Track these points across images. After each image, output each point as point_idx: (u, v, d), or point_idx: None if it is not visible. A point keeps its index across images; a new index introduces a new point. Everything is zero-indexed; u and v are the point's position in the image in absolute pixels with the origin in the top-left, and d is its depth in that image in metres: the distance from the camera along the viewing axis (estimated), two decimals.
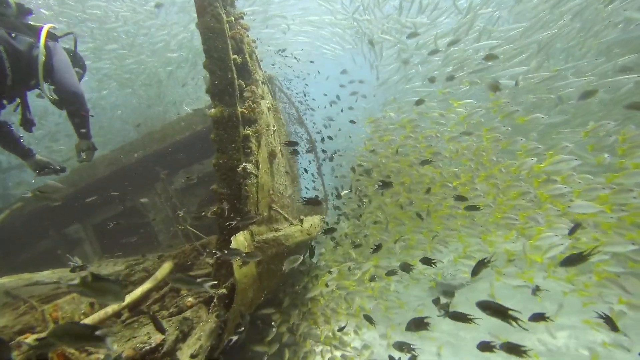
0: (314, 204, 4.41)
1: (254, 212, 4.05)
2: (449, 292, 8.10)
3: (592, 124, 5.56)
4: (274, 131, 6.50)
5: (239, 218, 3.77)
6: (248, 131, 4.21)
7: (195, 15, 4.05)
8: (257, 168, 4.31)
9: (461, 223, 6.75)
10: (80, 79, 5.82)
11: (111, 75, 16.63)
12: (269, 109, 6.28)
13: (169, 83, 16.84)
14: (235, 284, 2.93)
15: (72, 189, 8.50)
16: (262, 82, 6.08)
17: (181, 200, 8.80)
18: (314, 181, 10.12)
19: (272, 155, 5.25)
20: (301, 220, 5.20)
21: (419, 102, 7.64)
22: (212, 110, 3.98)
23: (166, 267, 4.38)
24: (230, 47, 4.10)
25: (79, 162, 5.65)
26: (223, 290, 3.11)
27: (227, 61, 4.02)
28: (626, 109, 5.38)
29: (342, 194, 8.51)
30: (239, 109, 4.10)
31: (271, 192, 4.95)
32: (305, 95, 11.87)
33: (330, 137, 10.52)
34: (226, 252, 2.91)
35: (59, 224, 9.20)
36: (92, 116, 5.23)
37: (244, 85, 4.21)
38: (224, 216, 3.89)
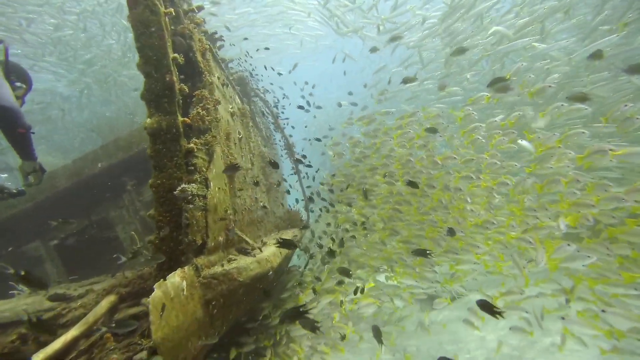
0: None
1: (201, 241, 3.40)
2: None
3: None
4: (240, 139, 5.85)
5: (179, 250, 3.13)
6: (193, 144, 3.55)
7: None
8: (207, 187, 3.66)
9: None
10: (24, 94, 5.12)
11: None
12: (233, 114, 5.63)
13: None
14: (156, 348, 2.28)
15: (30, 203, 7.77)
16: (224, 85, 5.43)
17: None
18: (289, 190, 9.47)
19: (231, 170, 4.60)
20: (277, 242, 4.58)
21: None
22: (147, 121, 3.32)
23: (104, 305, 3.71)
24: (169, 44, 3.44)
25: (26, 187, 4.99)
26: (142, 356, 2.45)
27: (164, 61, 3.36)
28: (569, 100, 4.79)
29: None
30: (181, 118, 3.44)
31: (229, 211, 4.30)
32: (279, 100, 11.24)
33: (304, 156, 9.99)
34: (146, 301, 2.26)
35: (15, 241, 8.44)
36: (34, 133, 4.55)
37: (186, 90, 3.54)
38: (163, 248, 3.24)
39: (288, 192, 9.58)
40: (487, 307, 3.34)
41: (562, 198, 4.60)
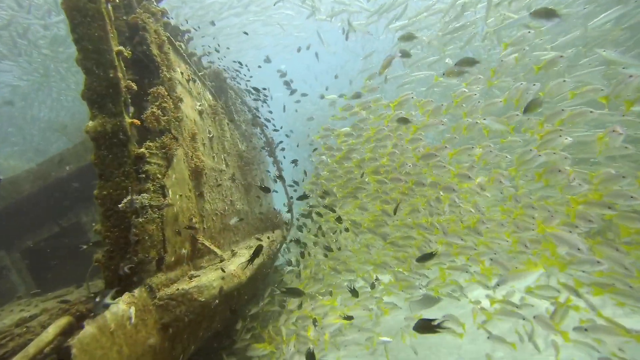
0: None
1: (157, 257, 3.02)
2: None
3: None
4: (210, 139, 5.45)
5: (127, 269, 2.75)
6: (145, 149, 3.16)
7: None
8: (164, 195, 3.28)
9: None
10: None
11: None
12: (201, 112, 5.22)
13: None
14: None
15: None
16: (191, 81, 5.01)
17: None
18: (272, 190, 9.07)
19: (196, 172, 4.21)
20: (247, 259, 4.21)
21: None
22: (89, 124, 2.90)
23: (51, 332, 3.31)
24: (112, 35, 3.02)
25: None
26: None
27: (106, 55, 2.94)
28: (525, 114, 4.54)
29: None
30: (129, 120, 3.03)
31: (195, 219, 3.92)
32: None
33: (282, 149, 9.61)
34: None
35: None
36: None
37: (134, 87, 3.13)
38: (111, 267, 2.86)
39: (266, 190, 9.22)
40: (426, 327, 3.19)
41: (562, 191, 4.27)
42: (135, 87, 3.10)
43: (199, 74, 6.30)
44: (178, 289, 2.94)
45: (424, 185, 5.53)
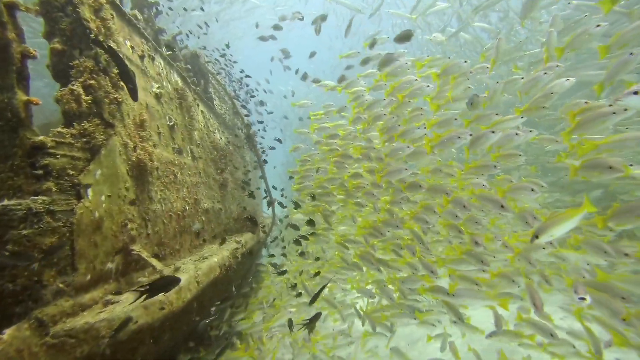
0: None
1: (53, 279, 2.31)
2: None
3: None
4: (171, 127, 4.71)
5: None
6: (52, 137, 2.43)
7: None
8: (78, 197, 2.55)
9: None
10: None
11: None
12: (159, 96, 4.47)
13: None
14: None
15: None
16: (146, 57, 4.25)
17: None
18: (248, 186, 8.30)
19: (140, 167, 3.48)
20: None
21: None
22: None
23: None
24: None
25: None
26: None
27: None
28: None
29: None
30: (24, 97, 2.30)
31: (132, 225, 3.20)
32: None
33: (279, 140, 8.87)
34: None
35: None
36: None
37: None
38: None
39: (245, 187, 8.42)
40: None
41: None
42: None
43: (167, 53, 5.53)
44: (81, 323, 2.23)
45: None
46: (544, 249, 3.49)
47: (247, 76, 10.29)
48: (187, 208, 4.75)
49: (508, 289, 3.88)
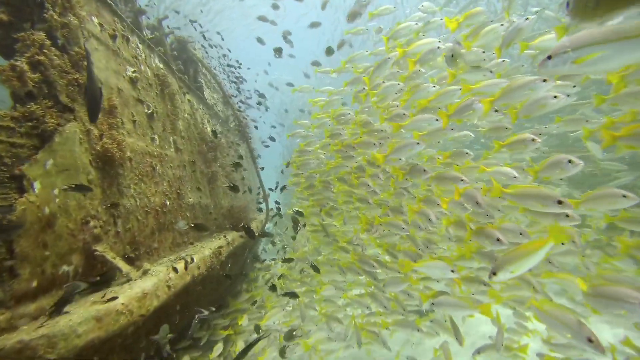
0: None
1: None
2: None
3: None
4: (150, 114, 4.32)
5: None
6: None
7: None
8: (21, 191, 2.19)
9: None
10: None
11: None
12: (135, 80, 4.08)
13: None
14: None
15: None
16: (118, 37, 3.86)
17: None
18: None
19: (107, 157, 3.11)
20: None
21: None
22: None
23: None
24: None
25: None
26: None
27: None
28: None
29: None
30: None
31: (96, 222, 2.84)
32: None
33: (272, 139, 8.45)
34: None
35: None
36: None
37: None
38: None
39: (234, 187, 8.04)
40: None
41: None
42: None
43: (149, 37, 5.14)
44: (13, 341, 1.87)
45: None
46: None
47: (245, 68, 9.90)
48: (168, 203, 4.39)
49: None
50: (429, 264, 3.25)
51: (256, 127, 9.67)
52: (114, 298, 2.34)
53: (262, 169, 8.50)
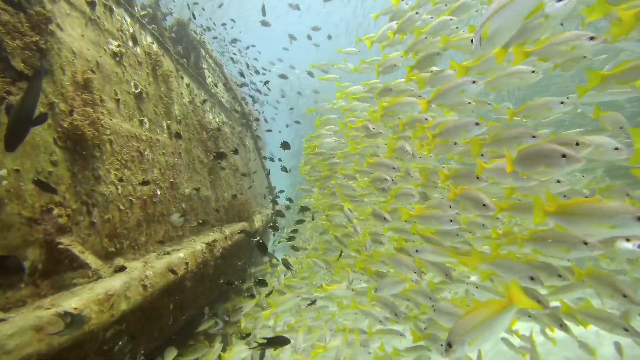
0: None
1: None
2: None
3: None
4: (138, 95, 3.91)
5: None
6: None
7: None
8: None
9: None
10: None
11: None
12: (119, 55, 3.67)
13: None
14: None
15: None
16: (95, 5, 3.46)
17: None
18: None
19: (78, 137, 2.70)
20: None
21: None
22: None
23: None
24: None
25: None
26: None
27: None
28: None
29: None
30: None
31: (61, 211, 2.43)
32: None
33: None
34: None
35: None
36: None
37: None
38: None
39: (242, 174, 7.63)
40: None
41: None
42: None
43: (141, 13, 4.74)
44: None
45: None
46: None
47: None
48: (159, 193, 3.98)
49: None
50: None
51: (269, 131, 9.30)
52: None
53: (266, 158, 8.06)
